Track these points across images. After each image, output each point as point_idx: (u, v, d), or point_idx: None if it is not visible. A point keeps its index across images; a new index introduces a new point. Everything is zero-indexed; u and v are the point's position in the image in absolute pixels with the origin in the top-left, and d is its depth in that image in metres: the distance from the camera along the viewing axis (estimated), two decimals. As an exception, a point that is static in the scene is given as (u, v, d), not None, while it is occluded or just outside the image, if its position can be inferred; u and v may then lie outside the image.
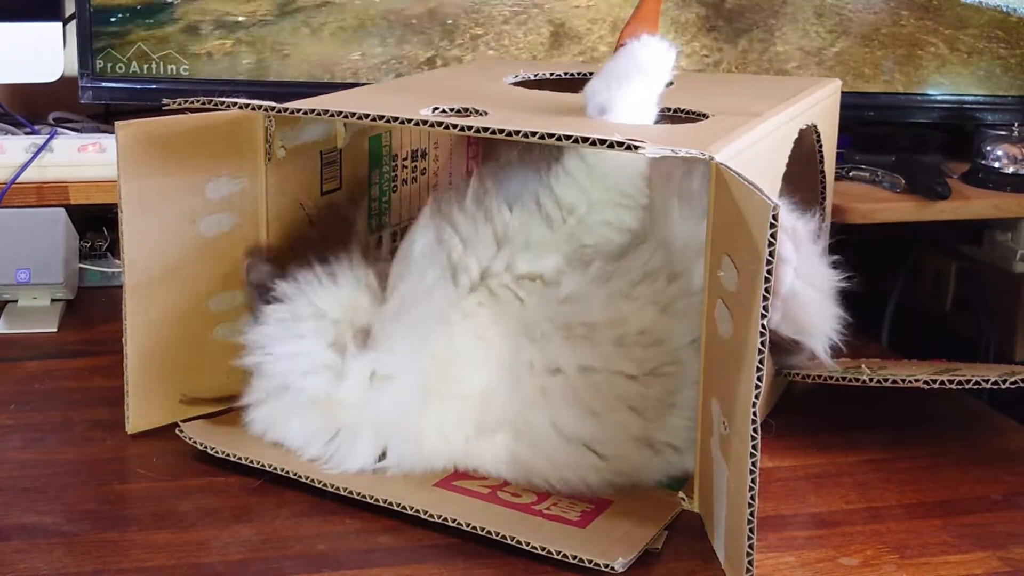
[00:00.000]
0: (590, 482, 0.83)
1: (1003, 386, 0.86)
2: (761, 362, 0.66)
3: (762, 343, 0.66)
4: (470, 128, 0.78)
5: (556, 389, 0.83)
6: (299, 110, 0.83)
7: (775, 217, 0.64)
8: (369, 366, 0.85)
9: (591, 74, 1.13)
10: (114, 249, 1.34)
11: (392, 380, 0.84)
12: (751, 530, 0.69)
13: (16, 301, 1.23)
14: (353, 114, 0.82)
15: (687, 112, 0.92)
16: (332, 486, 0.83)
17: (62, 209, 1.22)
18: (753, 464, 0.67)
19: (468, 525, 0.78)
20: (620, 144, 0.70)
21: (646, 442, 0.84)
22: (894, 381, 0.90)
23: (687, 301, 0.85)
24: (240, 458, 0.87)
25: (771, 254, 0.65)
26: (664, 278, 0.86)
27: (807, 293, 0.90)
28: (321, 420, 0.86)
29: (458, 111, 0.86)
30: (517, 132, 0.74)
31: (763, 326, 0.66)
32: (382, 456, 0.85)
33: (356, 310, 0.87)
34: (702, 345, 0.81)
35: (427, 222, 0.89)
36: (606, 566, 0.74)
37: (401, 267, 0.88)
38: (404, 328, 0.85)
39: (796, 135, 0.93)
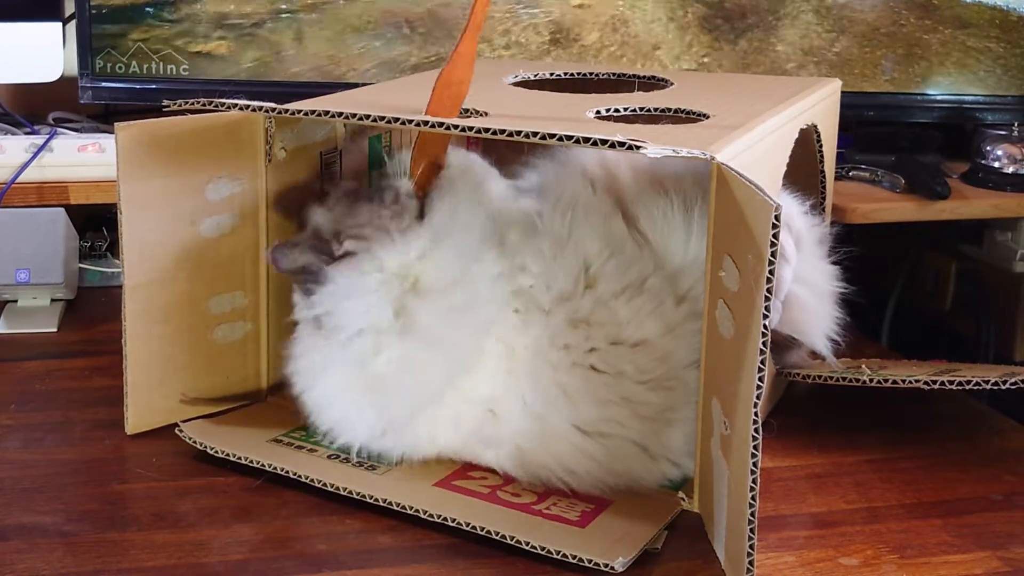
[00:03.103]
0: (590, 471, 0.83)
1: (1003, 387, 0.86)
2: (763, 362, 0.66)
3: (764, 343, 0.66)
4: (470, 129, 0.78)
5: (564, 375, 0.83)
6: (300, 111, 0.83)
7: (777, 217, 0.64)
8: (401, 344, 0.84)
9: (591, 74, 1.14)
10: (114, 249, 1.34)
11: (420, 363, 0.84)
12: (752, 530, 0.69)
13: (16, 301, 1.23)
14: (353, 115, 0.82)
15: (688, 112, 0.92)
16: (332, 486, 0.83)
17: (62, 209, 1.22)
18: (754, 464, 0.67)
19: (468, 525, 0.78)
20: (622, 144, 0.70)
21: (644, 448, 0.85)
22: (894, 381, 0.90)
23: (694, 324, 0.85)
24: (240, 458, 0.87)
25: (773, 254, 0.65)
26: (672, 298, 0.86)
27: (804, 296, 0.90)
28: (354, 382, 0.85)
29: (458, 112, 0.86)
30: (517, 133, 0.74)
31: (765, 326, 0.66)
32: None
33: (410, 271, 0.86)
34: (703, 345, 0.81)
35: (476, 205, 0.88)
36: (606, 566, 0.74)
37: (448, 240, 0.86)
38: (445, 307, 0.84)
39: (796, 135, 0.93)
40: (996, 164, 1.37)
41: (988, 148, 1.38)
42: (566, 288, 0.86)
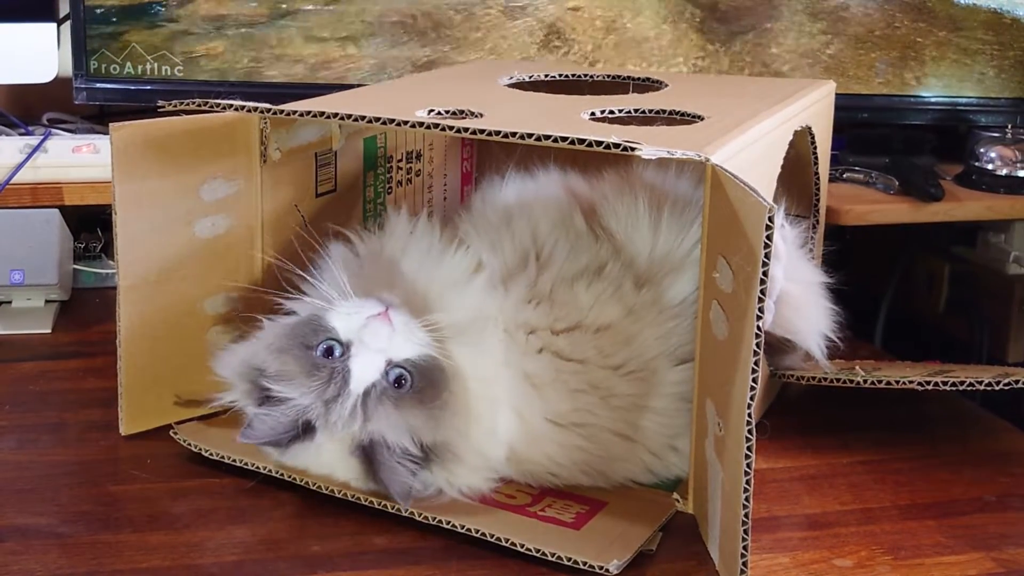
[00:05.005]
0: (575, 460, 0.83)
1: (996, 388, 0.86)
2: (756, 363, 0.66)
3: (757, 344, 0.66)
4: (465, 130, 0.78)
5: (532, 362, 0.83)
6: (294, 112, 0.83)
7: (771, 219, 0.64)
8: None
9: (586, 76, 1.14)
10: (108, 250, 1.34)
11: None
12: (745, 531, 0.69)
13: (10, 302, 1.23)
14: (348, 115, 0.82)
15: (682, 114, 0.92)
16: (326, 488, 0.83)
17: (56, 210, 1.21)
18: (748, 465, 0.67)
19: (462, 527, 0.78)
20: (616, 145, 0.70)
21: (622, 436, 0.85)
22: (888, 383, 0.91)
23: (660, 313, 0.86)
24: (234, 460, 0.87)
25: (767, 255, 0.65)
26: (630, 282, 0.87)
27: (796, 293, 0.90)
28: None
29: (453, 113, 0.86)
30: (513, 134, 0.74)
31: (758, 327, 0.66)
32: None
33: None
34: (696, 346, 0.81)
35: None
36: (600, 568, 0.74)
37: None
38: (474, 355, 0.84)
39: (791, 137, 0.93)
40: (989, 166, 1.37)
41: (981, 150, 1.38)
42: (512, 259, 0.88)
